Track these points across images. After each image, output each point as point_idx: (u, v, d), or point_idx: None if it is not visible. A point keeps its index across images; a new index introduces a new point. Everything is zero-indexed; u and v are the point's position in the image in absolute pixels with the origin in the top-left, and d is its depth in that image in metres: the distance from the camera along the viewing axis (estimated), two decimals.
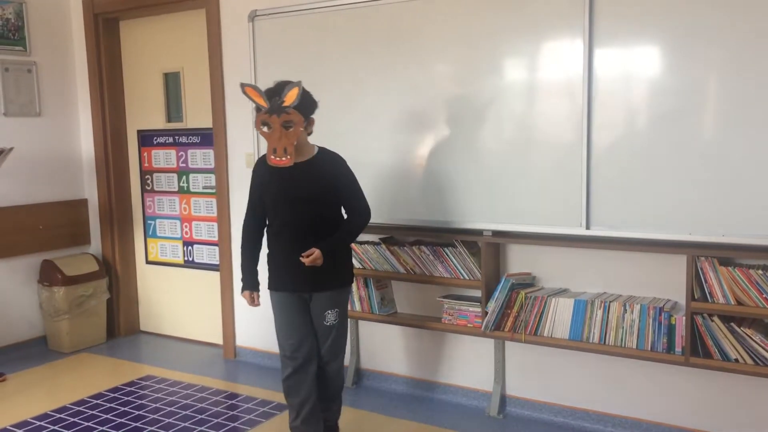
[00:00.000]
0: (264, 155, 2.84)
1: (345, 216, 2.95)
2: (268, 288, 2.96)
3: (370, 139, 3.52)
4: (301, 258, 2.76)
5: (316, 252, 2.76)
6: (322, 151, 2.91)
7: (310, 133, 2.87)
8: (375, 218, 3.53)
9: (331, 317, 2.89)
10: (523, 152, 3.11)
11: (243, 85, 2.75)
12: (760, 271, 2.69)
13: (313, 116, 2.83)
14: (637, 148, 2.89)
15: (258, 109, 2.76)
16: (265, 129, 2.73)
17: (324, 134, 3.63)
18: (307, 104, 2.76)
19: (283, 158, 2.73)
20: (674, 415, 3.10)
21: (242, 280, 3.00)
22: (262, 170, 2.91)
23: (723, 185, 2.73)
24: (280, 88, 2.71)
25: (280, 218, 2.88)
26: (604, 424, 3.25)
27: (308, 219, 2.82)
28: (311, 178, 2.82)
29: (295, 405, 2.93)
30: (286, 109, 2.69)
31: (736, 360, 2.77)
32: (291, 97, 2.68)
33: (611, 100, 2.93)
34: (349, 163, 3.54)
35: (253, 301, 3.01)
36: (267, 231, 2.96)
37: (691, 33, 2.75)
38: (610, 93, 2.93)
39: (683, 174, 2.80)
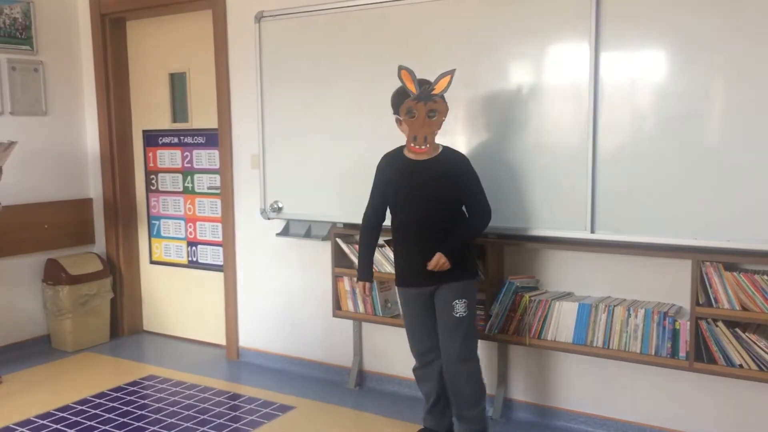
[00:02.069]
0: (388, 153, 2.96)
1: (467, 214, 2.96)
2: (396, 284, 3.06)
3: (378, 141, 3.50)
4: (428, 267, 2.82)
5: (439, 257, 2.81)
6: (447, 149, 2.92)
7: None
8: None
9: (460, 308, 2.86)
10: (528, 155, 3.11)
11: (401, 68, 2.81)
12: (766, 277, 2.68)
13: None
14: (643, 152, 2.89)
15: (410, 94, 2.80)
16: (408, 116, 2.81)
17: (331, 135, 3.66)
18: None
19: (423, 146, 2.83)
20: (678, 420, 3.09)
21: (358, 270, 3.13)
22: (386, 167, 2.98)
23: (729, 190, 2.72)
24: (427, 81, 2.80)
25: (404, 214, 2.93)
26: (607, 428, 3.24)
27: (431, 215, 2.87)
28: (436, 176, 2.86)
29: (423, 394, 3.12)
30: (434, 96, 2.76)
31: (741, 366, 2.76)
32: (442, 84, 2.77)
33: (617, 104, 2.93)
34: (358, 164, 3.57)
35: (365, 292, 3.11)
36: (391, 227, 3.01)
37: (697, 38, 2.74)
38: (615, 97, 2.93)
39: (689, 178, 2.79)
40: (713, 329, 2.80)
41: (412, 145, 2.84)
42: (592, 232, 3.00)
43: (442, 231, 2.87)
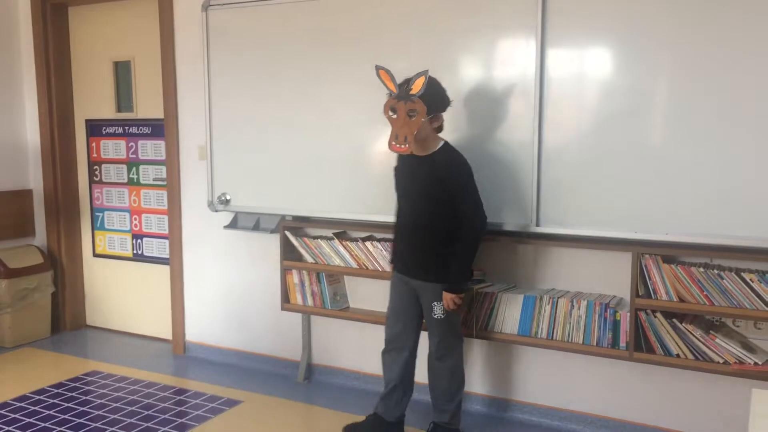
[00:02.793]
0: None
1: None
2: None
3: (326, 134, 3.50)
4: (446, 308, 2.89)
5: (446, 297, 2.87)
6: (444, 147, 2.89)
7: (439, 130, 2.89)
8: (328, 213, 3.54)
9: (437, 310, 2.90)
10: (475, 149, 3.13)
11: (378, 68, 2.80)
12: (702, 269, 2.78)
13: (442, 113, 2.86)
14: (587, 148, 2.95)
15: (390, 94, 2.82)
16: (392, 114, 2.80)
17: (280, 127, 3.63)
18: (434, 97, 2.80)
19: (403, 145, 2.82)
20: (618, 408, 3.17)
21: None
22: (398, 159, 3.01)
23: (667, 185, 2.80)
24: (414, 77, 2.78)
25: (400, 207, 3.00)
26: (551, 417, 3.31)
27: (419, 212, 2.91)
28: (425, 174, 2.87)
29: (384, 380, 3.12)
30: (411, 97, 2.75)
31: (678, 355, 2.86)
32: (417, 85, 2.74)
33: (562, 100, 2.97)
34: (307, 156, 3.55)
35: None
36: None
37: (641, 37, 2.81)
38: (561, 93, 2.97)
39: (630, 174, 2.86)
40: (652, 320, 2.89)
41: (394, 143, 2.82)
42: (538, 225, 3.05)
43: (428, 228, 2.89)
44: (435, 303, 2.91)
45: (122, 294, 4.73)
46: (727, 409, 2.94)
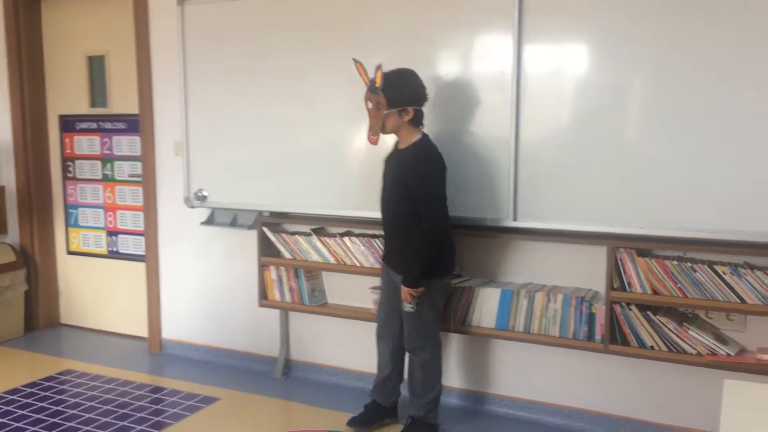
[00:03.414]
0: None
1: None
2: None
3: (304, 129, 3.49)
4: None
5: (403, 290, 2.88)
6: (418, 142, 2.88)
7: (416, 123, 2.87)
8: (305, 209, 3.53)
9: (407, 304, 2.91)
10: (452, 144, 3.14)
11: (355, 61, 2.88)
12: (675, 262, 2.81)
13: (412, 107, 2.83)
14: (563, 143, 2.97)
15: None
16: (368, 105, 2.86)
17: (257, 122, 3.61)
18: (395, 90, 2.80)
19: (373, 137, 2.88)
20: (594, 400, 3.21)
21: None
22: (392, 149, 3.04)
23: (642, 180, 2.83)
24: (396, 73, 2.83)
25: (382, 197, 3.01)
26: (528, 410, 3.34)
27: (390, 208, 2.95)
28: (396, 167, 2.90)
29: (377, 366, 3.20)
30: (376, 89, 2.80)
31: (652, 347, 2.89)
32: (378, 78, 2.78)
33: (539, 96, 2.99)
34: (284, 152, 3.53)
35: None
36: None
37: (618, 33, 2.83)
38: (538, 88, 2.99)
39: (605, 168, 2.89)
40: (627, 312, 2.92)
41: (369, 134, 2.90)
42: (515, 220, 3.07)
43: (395, 221, 2.95)
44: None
45: (97, 292, 4.67)
46: (701, 399, 2.99)
